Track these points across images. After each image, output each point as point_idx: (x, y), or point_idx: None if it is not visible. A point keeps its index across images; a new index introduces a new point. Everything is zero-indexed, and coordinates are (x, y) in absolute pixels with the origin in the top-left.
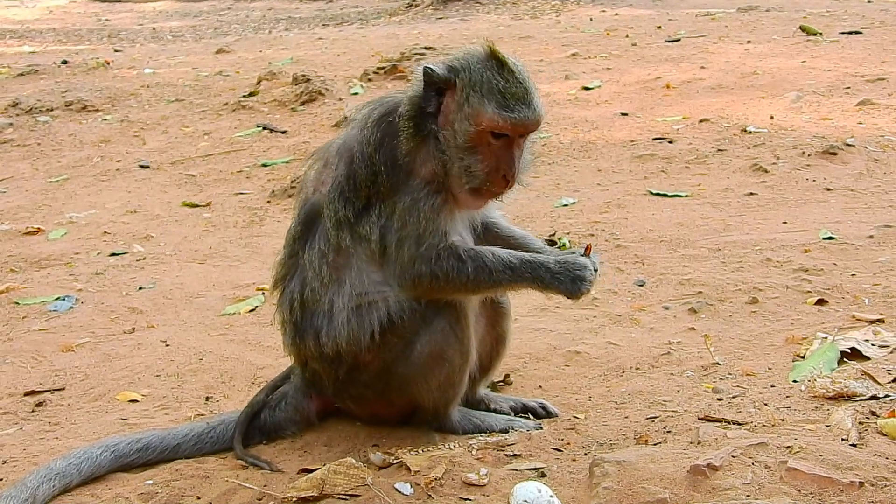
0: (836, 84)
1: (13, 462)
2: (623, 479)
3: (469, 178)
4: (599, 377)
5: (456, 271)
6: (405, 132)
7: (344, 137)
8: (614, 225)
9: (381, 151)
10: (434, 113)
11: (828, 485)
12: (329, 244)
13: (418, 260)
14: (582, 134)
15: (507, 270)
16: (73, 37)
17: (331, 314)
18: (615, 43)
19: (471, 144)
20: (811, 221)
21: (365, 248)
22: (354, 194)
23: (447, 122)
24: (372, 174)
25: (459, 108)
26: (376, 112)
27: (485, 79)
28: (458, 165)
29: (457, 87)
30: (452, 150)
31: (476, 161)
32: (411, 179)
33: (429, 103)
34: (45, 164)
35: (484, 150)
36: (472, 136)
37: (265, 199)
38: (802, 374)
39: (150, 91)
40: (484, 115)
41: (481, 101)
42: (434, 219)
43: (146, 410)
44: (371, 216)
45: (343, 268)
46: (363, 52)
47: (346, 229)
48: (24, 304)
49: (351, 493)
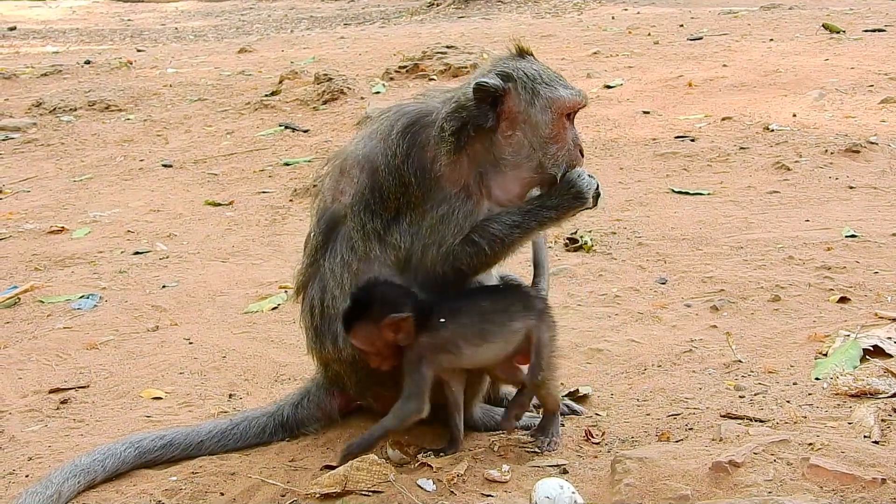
0: (860, 82)
1: (38, 459)
2: (645, 475)
3: (555, 165)
4: (621, 374)
5: (475, 256)
6: (446, 147)
7: (364, 148)
8: (636, 223)
9: (408, 162)
10: (493, 126)
11: (850, 481)
12: (355, 253)
13: (440, 262)
14: (604, 132)
15: (516, 229)
16: (95, 37)
17: None
18: (637, 41)
19: (553, 133)
20: (834, 219)
21: (392, 254)
22: (382, 206)
23: (516, 124)
24: (401, 185)
25: (531, 105)
26: (400, 123)
27: (539, 71)
28: (541, 158)
29: (513, 91)
30: (532, 147)
31: (559, 147)
32: (444, 188)
33: (487, 118)
34: (68, 164)
35: (562, 134)
36: (554, 123)
37: (287, 198)
38: (825, 372)
39: (173, 90)
40: (561, 100)
41: (551, 90)
42: (463, 226)
43: (170, 407)
44: (401, 225)
45: (364, 274)
46: (385, 51)
47: (374, 240)
48: (48, 303)
49: (373, 489)
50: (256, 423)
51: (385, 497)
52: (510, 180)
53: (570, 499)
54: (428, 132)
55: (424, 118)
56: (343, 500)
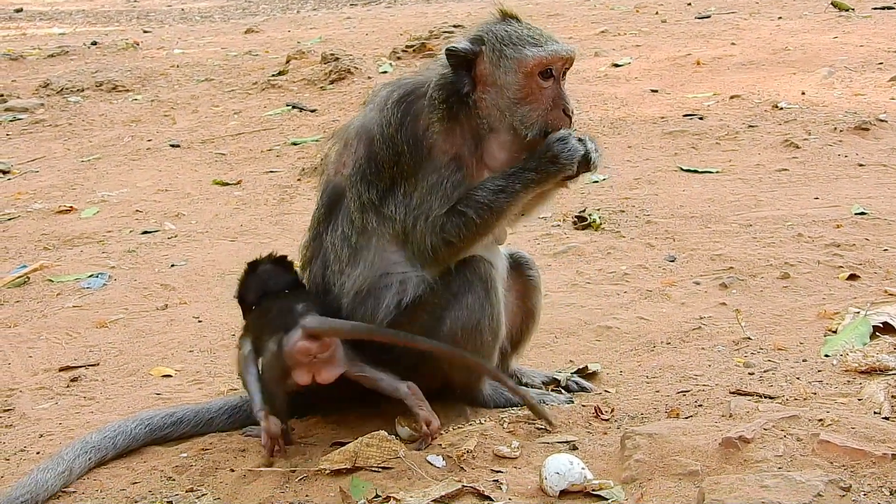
0: (869, 59)
1: (49, 436)
2: (654, 451)
3: (527, 128)
4: (630, 352)
5: (463, 226)
6: (438, 115)
7: (362, 119)
8: (644, 201)
9: (402, 131)
10: (469, 91)
11: (860, 457)
12: (353, 226)
13: (428, 234)
14: (612, 111)
15: (500, 194)
16: (102, 18)
17: (350, 294)
18: (645, 20)
19: (522, 94)
20: (843, 197)
21: (389, 228)
22: (377, 176)
23: (487, 87)
24: (394, 154)
25: (497, 67)
26: (395, 94)
27: (510, 32)
28: (511, 121)
29: (485, 53)
30: (502, 110)
31: (531, 108)
32: (435, 157)
33: (462, 83)
34: (76, 144)
35: (536, 95)
36: (521, 83)
37: (295, 177)
38: (834, 349)
39: (180, 71)
40: (526, 59)
41: (517, 50)
42: (450, 195)
43: (180, 385)
44: (396, 196)
45: (363, 249)
46: (392, 31)
47: (371, 211)
48: (57, 282)
49: (383, 465)
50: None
51: (395, 473)
52: (495, 146)
53: (579, 474)
54: (422, 102)
55: (419, 89)
56: (353, 475)
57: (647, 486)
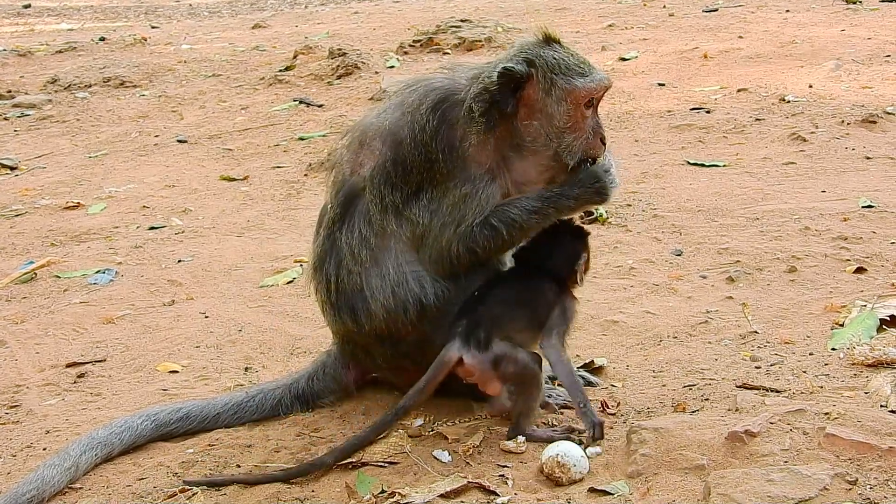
0: (876, 52)
1: (56, 432)
2: (660, 445)
3: (570, 156)
4: (637, 346)
5: (492, 239)
6: (477, 127)
7: (387, 121)
8: (651, 195)
9: (437, 139)
10: (513, 112)
11: (866, 450)
12: (372, 228)
13: (455, 242)
14: (619, 105)
15: (533, 215)
16: (110, 14)
17: (367, 295)
18: (652, 13)
19: (570, 123)
20: (850, 190)
21: (408, 231)
22: (403, 180)
23: (534, 112)
24: (427, 161)
25: (547, 95)
26: (430, 98)
27: (558, 60)
28: (556, 148)
29: (535, 78)
30: (548, 136)
31: (576, 137)
32: (469, 167)
33: (508, 103)
34: (83, 140)
35: (580, 124)
36: (571, 113)
37: (302, 173)
38: (841, 342)
39: (187, 66)
40: (578, 90)
41: (568, 81)
42: (484, 207)
43: (186, 381)
44: (421, 200)
45: (381, 250)
46: (399, 26)
47: (391, 213)
48: (64, 278)
49: (389, 460)
50: (272, 396)
51: (401, 468)
52: (530, 166)
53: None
54: (458, 110)
55: (454, 95)
56: (359, 471)
57: (652, 480)
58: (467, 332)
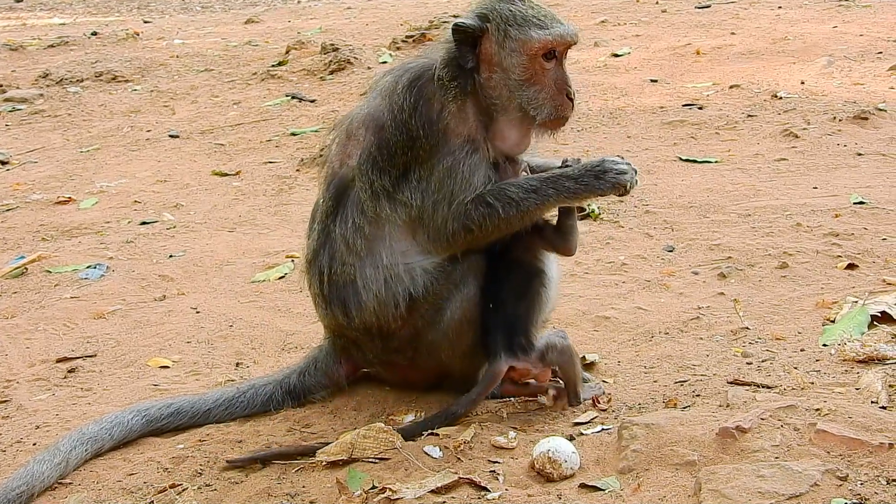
0: (868, 49)
1: (46, 427)
2: (652, 441)
3: (536, 110)
4: (628, 342)
5: (488, 217)
6: (451, 94)
7: (367, 108)
8: (643, 191)
9: (416, 116)
10: (474, 67)
11: (857, 446)
12: (365, 216)
13: (450, 219)
14: (611, 101)
15: (532, 195)
16: (102, 8)
17: (360, 285)
18: (645, 9)
19: (527, 75)
20: (842, 186)
21: (403, 214)
22: (389, 163)
23: (492, 66)
24: (409, 140)
25: (502, 47)
26: (405, 78)
27: (514, 11)
28: (519, 102)
29: (490, 31)
30: (509, 90)
31: (537, 90)
32: (450, 140)
33: (467, 59)
34: (75, 135)
35: (539, 77)
36: (526, 65)
37: (294, 168)
38: (832, 338)
39: (180, 61)
40: (532, 41)
41: (522, 31)
42: (470, 178)
43: (177, 376)
44: (410, 182)
45: (376, 239)
46: (392, 21)
47: (383, 198)
48: (55, 273)
49: (380, 456)
50: (263, 391)
51: (392, 464)
52: (505, 127)
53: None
54: (432, 85)
55: (426, 72)
56: (350, 467)
57: (644, 476)
58: (507, 342)
